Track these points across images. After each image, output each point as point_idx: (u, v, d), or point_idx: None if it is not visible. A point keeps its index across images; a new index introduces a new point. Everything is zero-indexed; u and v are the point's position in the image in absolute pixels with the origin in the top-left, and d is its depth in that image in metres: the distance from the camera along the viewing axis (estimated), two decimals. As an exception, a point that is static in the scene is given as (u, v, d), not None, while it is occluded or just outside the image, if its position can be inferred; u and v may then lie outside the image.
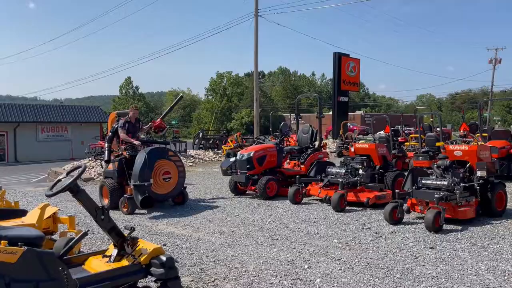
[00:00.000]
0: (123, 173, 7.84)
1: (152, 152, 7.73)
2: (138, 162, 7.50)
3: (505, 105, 67.99)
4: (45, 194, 3.27)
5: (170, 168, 7.93)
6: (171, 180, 7.91)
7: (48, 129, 31.85)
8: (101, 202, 7.97)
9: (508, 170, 10.58)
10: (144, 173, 7.38)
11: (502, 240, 5.43)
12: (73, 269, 3.13)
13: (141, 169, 7.37)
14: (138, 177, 7.33)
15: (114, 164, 8.04)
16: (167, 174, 7.83)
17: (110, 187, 7.85)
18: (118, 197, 7.73)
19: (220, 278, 4.25)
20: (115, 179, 7.93)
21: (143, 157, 7.51)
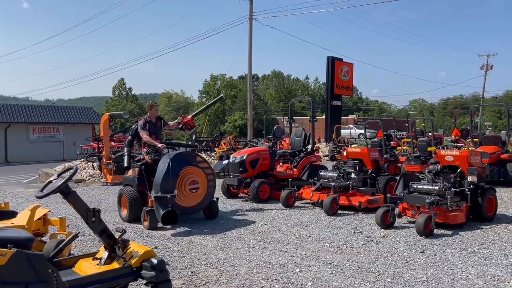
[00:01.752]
0: (144, 181, 6.85)
1: (177, 157, 6.59)
2: (161, 169, 6.43)
3: (496, 111, 68.66)
4: (36, 196, 3.24)
5: (198, 176, 6.73)
6: (199, 191, 6.72)
7: (40, 130, 31.61)
8: (119, 213, 7.25)
9: (499, 175, 10.68)
10: (167, 182, 6.29)
11: (492, 245, 5.48)
12: (63, 272, 3.11)
13: (163, 177, 6.29)
14: (160, 187, 6.25)
15: (134, 170, 7.02)
16: (194, 183, 6.66)
17: (130, 196, 6.86)
18: (138, 209, 6.78)
19: (211, 281, 4.23)
20: (135, 188, 6.93)
21: (166, 163, 6.42)
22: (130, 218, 6.86)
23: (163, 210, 6.08)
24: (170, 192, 6.26)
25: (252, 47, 25.81)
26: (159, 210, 6.16)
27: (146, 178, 6.78)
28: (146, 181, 6.76)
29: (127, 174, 7.30)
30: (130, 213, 6.86)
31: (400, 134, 21.52)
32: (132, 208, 6.83)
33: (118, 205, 7.29)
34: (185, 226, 6.74)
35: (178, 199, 6.46)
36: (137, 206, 6.80)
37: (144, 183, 6.79)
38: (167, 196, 6.21)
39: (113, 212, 7.99)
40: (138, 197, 6.87)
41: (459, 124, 47.23)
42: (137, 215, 6.77)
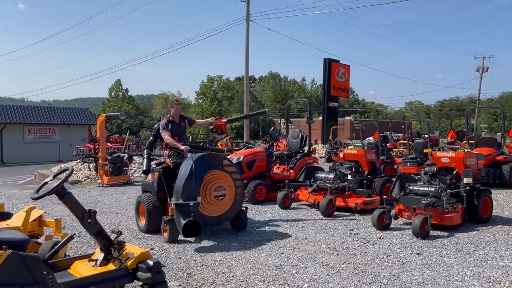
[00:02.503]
0: (164, 186, 6.16)
1: (201, 160, 5.84)
2: (182, 173, 5.71)
3: (492, 113, 69.04)
4: (31, 197, 3.23)
5: (225, 181, 5.96)
6: (225, 198, 5.94)
7: (36, 131, 31.47)
8: (137, 223, 6.52)
9: (494, 177, 10.73)
10: (190, 188, 5.56)
11: (487, 246, 5.49)
12: (58, 273, 3.10)
13: (185, 182, 5.57)
14: (181, 193, 5.54)
15: (153, 174, 6.36)
16: (220, 189, 5.89)
17: (148, 204, 6.12)
18: (158, 218, 6.04)
19: (207, 283, 4.23)
20: (154, 194, 6.24)
21: (189, 166, 5.71)
22: (149, 229, 6.14)
23: (184, 220, 5.33)
24: (193, 199, 5.47)
25: (249, 49, 25.86)
26: (180, 220, 5.41)
27: (166, 183, 6.08)
28: (167, 187, 6.06)
29: (146, 179, 6.67)
30: (149, 222, 6.10)
31: (396, 136, 21.59)
32: (151, 217, 6.08)
33: (136, 214, 6.56)
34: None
35: (202, 208, 5.67)
36: (157, 215, 6.05)
37: (164, 189, 6.06)
38: (189, 203, 5.43)
39: (109, 214, 7.97)
40: (157, 205, 6.11)
41: (455, 126, 47.42)
42: (157, 225, 6.03)
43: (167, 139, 6.53)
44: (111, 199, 9.85)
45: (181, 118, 6.92)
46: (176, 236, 5.67)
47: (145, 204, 6.14)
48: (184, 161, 5.95)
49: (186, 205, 5.46)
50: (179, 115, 6.88)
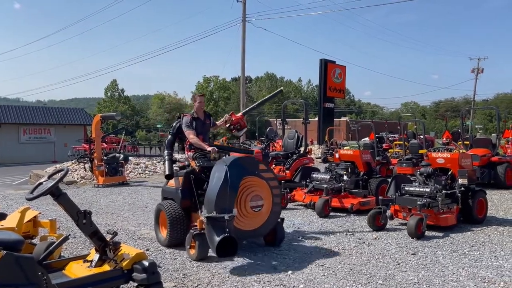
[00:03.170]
0: (191, 194, 5.38)
1: (235, 164, 4.98)
2: (215, 180, 4.86)
3: (487, 114, 69.41)
4: (26, 198, 3.22)
5: (262, 190, 5.08)
6: (262, 209, 5.06)
7: (31, 131, 31.30)
8: (156, 234, 5.73)
9: (489, 177, 10.78)
10: (225, 198, 4.72)
11: (482, 247, 5.52)
12: (53, 274, 3.09)
13: (219, 192, 4.72)
14: (214, 204, 4.70)
15: (177, 179, 5.54)
16: (257, 199, 5.00)
17: (171, 214, 5.31)
18: (182, 230, 5.32)
19: (203, 283, 4.22)
20: (178, 203, 5.44)
21: (222, 172, 4.86)
22: (171, 242, 5.37)
23: (219, 237, 4.51)
24: (228, 212, 4.66)
25: (245, 49, 25.86)
26: (213, 236, 4.58)
27: (192, 190, 5.39)
28: (192, 194, 5.38)
29: (167, 185, 5.82)
30: (172, 235, 5.33)
31: (392, 137, 21.67)
32: (174, 229, 5.30)
33: (155, 224, 5.79)
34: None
35: (236, 221, 4.86)
36: (181, 227, 5.33)
37: (190, 196, 5.38)
38: (225, 217, 4.61)
39: (105, 214, 7.95)
40: (182, 215, 5.35)
41: (451, 127, 47.61)
42: (180, 239, 5.30)
43: (191, 138, 5.72)
44: (107, 199, 9.82)
45: (206, 115, 6.17)
46: (206, 254, 4.92)
47: (167, 213, 5.32)
48: (215, 165, 5.11)
49: (221, 219, 4.61)
50: (203, 111, 6.14)
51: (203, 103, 6.14)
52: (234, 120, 6.44)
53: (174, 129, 6.17)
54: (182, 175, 5.48)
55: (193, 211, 5.41)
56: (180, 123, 6.01)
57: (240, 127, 6.50)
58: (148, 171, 15.72)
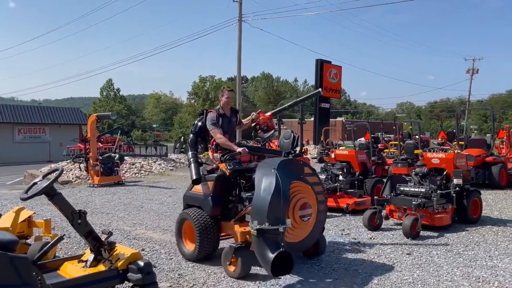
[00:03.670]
0: (223, 201, 4.84)
1: (283, 167, 4.32)
2: (265, 186, 4.20)
3: (482, 114, 69.73)
4: (20, 198, 3.20)
5: (309, 196, 4.50)
6: (310, 219, 4.48)
7: (26, 130, 31.15)
8: (179, 247, 5.08)
9: (484, 178, 10.83)
10: (278, 207, 4.07)
11: (476, 246, 5.55)
12: (47, 274, 3.08)
13: (272, 200, 4.05)
14: (266, 214, 4.00)
15: (205, 185, 4.93)
16: (306, 207, 4.40)
17: (200, 224, 4.69)
18: (212, 242, 4.76)
19: (198, 283, 4.22)
20: (207, 211, 4.79)
21: (272, 177, 4.20)
22: (199, 255, 4.75)
23: (274, 252, 3.89)
24: (282, 223, 4.02)
25: (241, 49, 25.83)
26: (266, 252, 3.94)
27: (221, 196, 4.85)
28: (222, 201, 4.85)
29: (191, 190, 5.18)
30: (201, 248, 4.71)
31: (387, 137, 21.73)
32: (204, 241, 4.70)
33: (177, 236, 5.13)
34: (173, 228, 6.69)
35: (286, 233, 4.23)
36: (212, 238, 4.75)
37: (222, 204, 4.84)
38: (279, 229, 3.98)
39: (100, 214, 7.92)
40: (212, 225, 4.74)
41: (446, 127, 47.78)
42: (210, 251, 4.81)
43: (218, 138, 5.06)
44: (102, 199, 9.78)
45: (232, 111, 5.48)
46: (248, 271, 4.35)
47: (196, 223, 4.70)
48: (258, 168, 4.46)
49: (274, 231, 3.98)
50: (230, 107, 5.46)
51: (231, 98, 5.42)
52: (262, 119, 5.75)
53: (196, 128, 5.47)
54: (212, 180, 4.85)
55: (223, 220, 4.84)
56: (202, 120, 5.34)
57: (267, 128, 5.78)
58: (144, 171, 15.68)
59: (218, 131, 5.09)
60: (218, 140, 5.07)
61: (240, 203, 4.77)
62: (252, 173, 4.69)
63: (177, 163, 18.41)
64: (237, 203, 4.79)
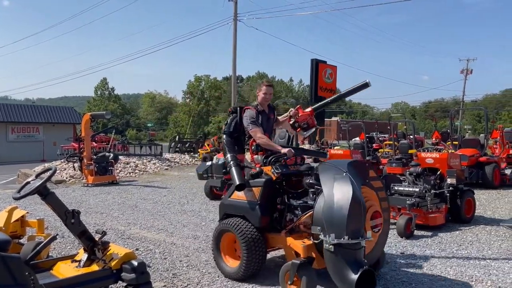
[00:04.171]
0: (272, 209, 4.22)
1: (352, 171, 3.71)
2: (339, 193, 3.53)
3: (476, 114, 70.20)
4: (13, 197, 3.18)
5: (376, 204, 3.93)
6: (380, 230, 3.95)
7: (19, 130, 30.95)
8: (218, 264, 4.45)
9: (477, 177, 10.89)
10: (359, 218, 3.50)
11: (470, 246, 5.58)
12: (40, 274, 3.06)
13: (351, 209, 3.40)
14: (346, 226, 3.37)
15: (250, 191, 4.26)
16: (377, 216, 3.88)
17: (247, 237, 4.08)
18: (261, 257, 4.15)
19: (193, 283, 4.21)
20: (255, 221, 4.16)
21: (346, 181, 3.57)
22: (246, 274, 4.14)
23: (356, 273, 3.30)
24: (362, 236, 3.44)
25: (236, 48, 25.82)
26: (347, 273, 3.35)
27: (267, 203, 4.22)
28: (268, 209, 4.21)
29: (231, 197, 4.48)
30: (249, 265, 4.10)
31: (382, 137, 21.81)
32: (253, 256, 4.08)
33: (215, 252, 4.49)
34: (167, 228, 6.68)
35: None
36: (260, 253, 4.13)
37: (270, 213, 4.22)
38: (361, 243, 3.41)
39: (94, 214, 7.88)
40: (260, 238, 4.14)
41: (440, 127, 48.07)
42: (259, 268, 4.20)
43: (260, 138, 4.55)
44: (96, 199, 9.74)
45: (270, 108, 4.96)
46: None
47: (242, 236, 4.09)
48: (324, 172, 3.83)
49: (355, 246, 3.39)
50: (269, 104, 4.95)
51: (271, 95, 4.86)
52: (301, 116, 5.05)
53: (230, 127, 4.86)
54: (260, 185, 4.22)
55: (269, 232, 4.24)
56: (236, 118, 4.82)
57: (308, 126, 5.08)
58: (138, 171, 15.64)
59: (258, 130, 4.59)
60: (259, 140, 4.55)
61: (289, 212, 4.13)
62: (301, 177, 4.30)
63: (172, 162, 18.38)
64: (286, 212, 4.16)
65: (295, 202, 4.13)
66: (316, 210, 3.69)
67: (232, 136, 4.81)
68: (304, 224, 3.92)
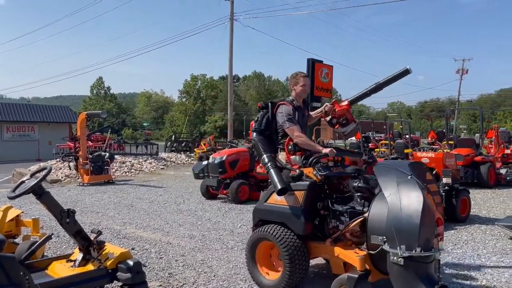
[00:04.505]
0: (315, 216, 3.82)
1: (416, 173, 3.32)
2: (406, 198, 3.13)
3: (471, 114, 70.56)
4: (7, 196, 3.16)
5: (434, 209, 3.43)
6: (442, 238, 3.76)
7: (14, 129, 30.81)
8: (255, 277, 4.05)
9: (472, 177, 10.94)
10: (431, 227, 3.14)
11: (465, 245, 5.60)
12: (35, 274, 3.05)
13: (423, 217, 3.01)
14: (418, 237, 2.97)
15: (292, 195, 3.83)
16: (440, 224, 3.51)
17: (289, 246, 3.69)
18: (304, 269, 3.76)
19: (189, 282, 4.20)
20: (298, 229, 3.75)
21: (413, 185, 3.18)
22: (289, 286, 3.74)
23: None
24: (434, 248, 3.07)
25: (233, 48, 25.77)
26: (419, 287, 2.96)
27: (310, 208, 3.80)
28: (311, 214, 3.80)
29: (267, 202, 4.06)
30: (291, 277, 3.70)
31: (378, 136, 21.86)
32: (296, 267, 3.69)
33: (249, 262, 4.11)
34: (163, 227, 6.67)
35: None
36: (304, 264, 3.75)
37: (313, 219, 3.82)
38: (435, 255, 3.04)
39: (89, 213, 7.86)
40: (303, 247, 3.76)
41: (436, 127, 48.30)
42: (300, 281, 3.82)
43: (298, 137, 4.13)
44: (92, 198, 9.71)
45: (305, 103, 4.57)
46: None
47: (283, 245, 3.70)
48: (382, 175, 3.43)
49: (428, 259, 3.00)
50: (304, 99, 4.53)
51: (309, 87, 4.44)
52: (339, 111, 4.60)
53: (262, 124, 4.38)
54: (304, 189, 3.80)
55: (310, 240, 3.84)
56: (268, 114, 4.37)
57: (347, 122, 4.63)
58: (134, 170, 15.61)
59: (296, 129, 4.15)
60: (298, 139, 4.12)
61: (334, 218, 3.76)
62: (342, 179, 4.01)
63: (168, 162, 18.35)
64: (330, 218, 3.79)
65: (341, 207, 3.74)
66: (373, 218, 3.30)
67: (264, 134, 4.34)
68: (351, 232, 3.59)
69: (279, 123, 4.25)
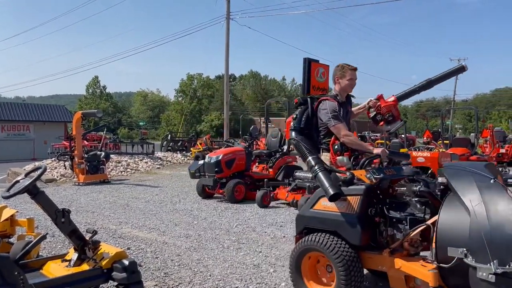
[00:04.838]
0: (370, 223, 3.43)
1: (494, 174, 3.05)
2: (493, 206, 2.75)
3: (466, 114, 70.84)
4: (2, 196, 3.15)
5: None
6: None
7: (9, 128, 30.64)
8: None
9: (468, 176, 10.98)
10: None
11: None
12: (30, 274, 3.03)
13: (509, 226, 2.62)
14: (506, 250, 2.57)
15: (345, 201, 3.42)
16: None
17: (343, 258, 3.33)
18: (359, 283, 3.37)
19: (184, 282, 4.20)
20: (353, 238, 3.37)
21: (500, 191, 2.84)
22: None
23: None
24: None
25: (229, 47, 25.75)
26: None
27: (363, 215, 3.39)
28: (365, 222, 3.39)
29: (314, 208, 3.66)
30: None
31: (374, 136, 21.94)
32: (351, 281, 3.31)
33: (295, 275, 3.68)
34: (159, 227, 6.66)
35: None
36: (359, 278, 3.38)
37: (369, 228, 3.43)
38: None
39: (85, 213, 7.83)
40: (357, 259, 3.39)
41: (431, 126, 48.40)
42: None
43: (345, 136, 3.76)
44: (87, 198, 9.68)
45: (348, 99, 4.24)
46: None
47: (336, 257, 3.33)
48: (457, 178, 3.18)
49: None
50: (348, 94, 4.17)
51: (356, 80, 4.07)
52: (384, 107, 4.14)
53: (301, 122, 4.00)
54: (359, 193, 3.39)
55: (363, 250, 3.46)
56: (308, 111, 4.04)
57: (394, 119, 4.16)
58: (130, 169, 15.56)
59: (343, 127, 3.77)
60: (346, 138, 3.74)
61: (391, 226, 3.37)
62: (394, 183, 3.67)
63: (164, 161, 18.32)
64: (387, 226, 3.40)
65: (398, 214, 3.38)
66: (444, 227, 2.93)
67: (303, 133, 3.94)
68: (410, 242, 3.28)
69: (323, 120, 3.88)
